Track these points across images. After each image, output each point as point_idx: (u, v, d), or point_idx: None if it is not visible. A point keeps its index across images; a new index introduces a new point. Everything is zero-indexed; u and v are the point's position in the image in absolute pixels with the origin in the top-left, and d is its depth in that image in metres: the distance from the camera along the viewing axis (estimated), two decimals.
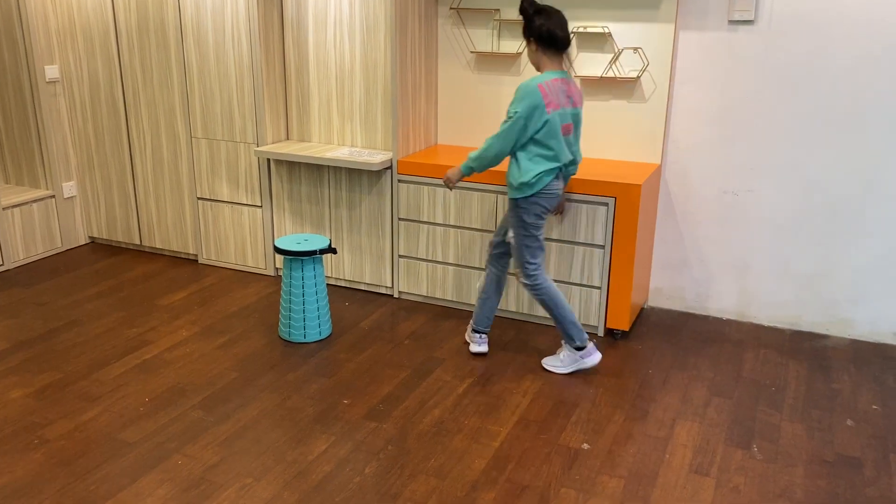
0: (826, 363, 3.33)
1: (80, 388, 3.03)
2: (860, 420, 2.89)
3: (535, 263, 3.08)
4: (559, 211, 3.36)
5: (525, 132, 2.88)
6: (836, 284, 3.52)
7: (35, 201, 4.41)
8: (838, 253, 3.48)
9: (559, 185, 3.03)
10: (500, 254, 3.23)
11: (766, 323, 3.70)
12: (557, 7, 3.49)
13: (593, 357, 3.15)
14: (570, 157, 3.01)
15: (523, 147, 2.92)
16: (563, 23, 2.90)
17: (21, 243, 4.37)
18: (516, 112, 2.84)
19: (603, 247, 3.39)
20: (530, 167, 2.91)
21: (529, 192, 2.94)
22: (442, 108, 4.02)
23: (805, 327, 3.63)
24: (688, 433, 2.78)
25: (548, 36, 2.87)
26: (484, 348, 3.33)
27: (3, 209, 4.22)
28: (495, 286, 3.28)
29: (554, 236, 3.46)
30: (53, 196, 4.50)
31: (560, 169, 3.00)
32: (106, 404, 2.92)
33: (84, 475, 2.50)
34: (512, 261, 3.19)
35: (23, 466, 2.54)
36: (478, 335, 3.34)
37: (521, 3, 2.92)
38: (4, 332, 3.52)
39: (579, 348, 3.14)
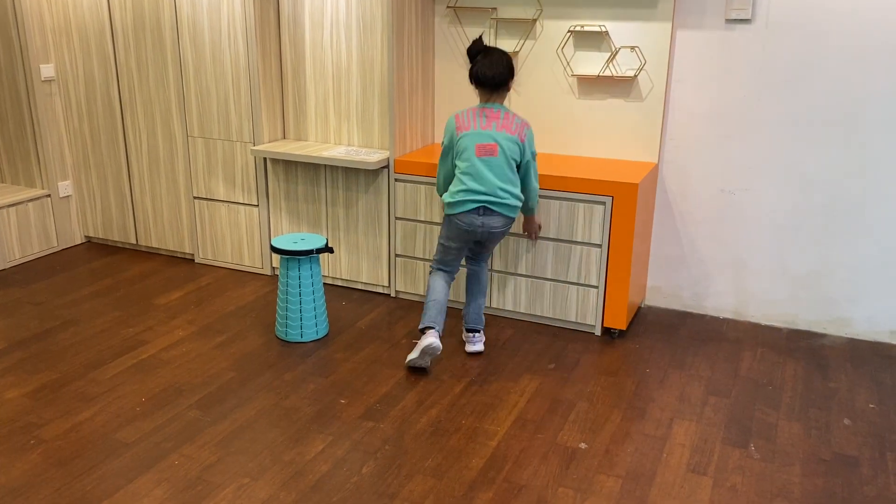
0: (823, 362, 3.33)
1: (76, 388, 3.02)
2: (857, 419, 2.89)
3: (436, 260, 3.28)
4: (530, 235, 3.46)
5: (449, 158, 3.17)
6: (833, 283, 3.52)
7: (31, 200, 4.39)
8: (836, 252, 3.48)
9: (479, 220, 3.07)
10: (468, 256, 3.34)
11: (763, 322, 3.70)
12: (559, 6, 3.48)
13: (427, 339, 3.12)
14: (499, 185, 3.04)
15: (457, 169, 3.13)
16: (495, 64, 3.07)
17: (17, 243, 4.35)
18: (442, 144, 3.19)
19: (600, 246, 3.39)
20: (453, 187, 3.12)
21: (448, 211, 3.13)
22: (439, 107, 4.01)
23: (802, 326, 3.64)
24: (685, 432, 2.78)
25: (475, 77, 3.11)
26: (479, 347, 3.33)
27: None
28: (475, 283, 3.34)
29: (551, 235, 3.46)
30: (49, 195, 4.49)
31: (485, 203, 3.04)
32: (102, 404, 2.91)
33: (80, 475, 2.49)
34: (486, 255, 3.35)
35: (19, 466, 2.53)
36: (471, 334, 3.34)
37: (469, 48, 3.17)
38: (0, 332, 3.51)
39: (421, 330, 3.20)
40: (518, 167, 3.11)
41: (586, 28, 3.58)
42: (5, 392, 2.99)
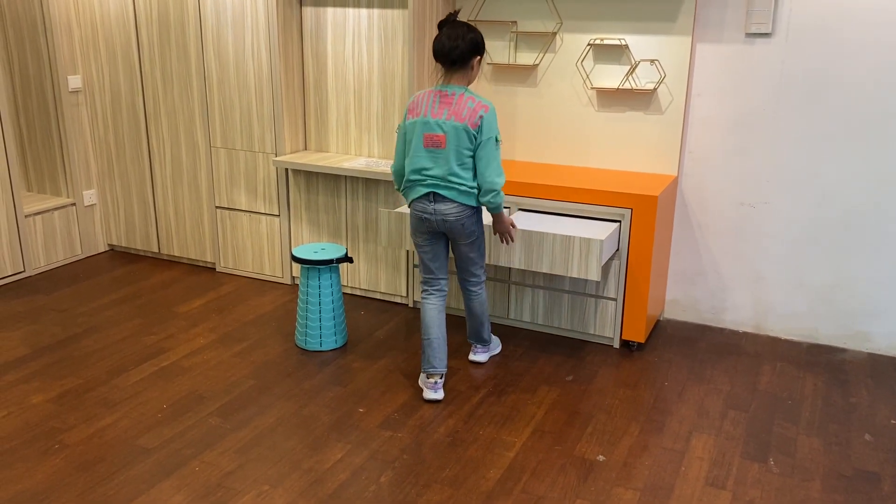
0: (843, 377, 3.30)
1: (99, 394, 3.06)
2: (878, 435, 2.87)
3: (421, 274, 3.08)
4: (502, 239, 3.08)
5: (401, 142, 2.96)
6: (853, 297, 3.50)
7: (56, 209, 4.47)
8: (855, 265, 3.46)
9: (431, 207, 2.87)
10: (459, 274, 3.18)
11: (782, 336, 3.68)
12: (579, 19, 3.45)
13: (427, 393, 3.03)
14: (440, 174, 2.83)
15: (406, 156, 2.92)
16: (455, 36, 2.79)
17: (42, 250, 4.42)
18: (398, 126, 2.96)
19: (619, 259, 3.39)
20: (405, 176, 2.93)
21: (405, 200, 2.98)
22: None
23: (822, 340, 3.61)
24: (704, 446, 2.77)
25: (433, 50, 2.85)
26: (480, 358, 3.35)
27: (25, 217, 4.28)
28: (468, 306, 3.23)
29: None
30: (74, 204, 4.56)
31: (432, 190, 2.85)
32: (124, 410, 2.95)
33: (102, 480, 2.52)
34: (470, 267, 3.11)
35: (42, 470, 2.57)
36: (475, 345, 3.37)
37: (440, 21, 2.91)
38: (25, 338, 3.56)
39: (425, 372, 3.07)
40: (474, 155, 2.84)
41: (606, 41, 3.60)
42: (30, 397, 3.04)
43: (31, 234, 4.34)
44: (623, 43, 3.57)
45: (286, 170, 4.09)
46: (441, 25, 2.87)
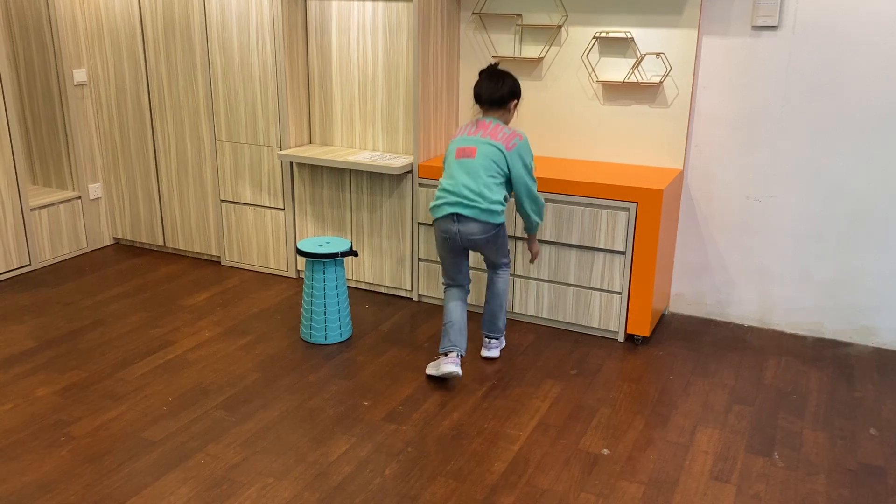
0: (849, 371, 3.30)
1: (104, 387, 3.08)
2: (884, 429, 2.86)
3: (443, 280, 3.25)
4: (532, 258, 3.35)
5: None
6: (859, 292, 3.49)
7: (62, 202, 4.48)
8: (861, 260, 3.45)
9: (454, 227, 3.03)
10: (485, 261, 3.31)
11: (787, 330, 3.67)
12: (584, 12, 3.49)
13: (447, 365, 3.08)
14: (468, 185, 2.97)
15: None
16: (490, 82, 3.08)
17: (48, 244, 4.44)
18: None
19: (624, 252, 3.39)
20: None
21: (433, 217, 3.13)
22: (463, 113, 4.04)
23: (827, 335, 3.60)
24: (708, 440, 2.77)
25: (474, 92, 3.14)
26: (492, 353, 3.35)
27: (31, 210, 4.29)
28: (489, 290, 3.32)
29: (574, 241, 3.47)
30: (80, 197, 4.57)
31: (456, 211, 2.99)
32: (130, 403, 2.96)
33: (109, 472, 2.53)
34: (495, 261, 3.26)
35: (49, 463, 2.58)
36: (486, 339, 3.37)
37: (482, 70, 3.16)
38: (31, 331, 3.58)
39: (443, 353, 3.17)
40: (508, 181, 3.04)
41: (612, 34, 3.58)
42: (36, 390, 3.05)
43: (36, 228, 4.36)
44: (629, 36, 3.55)
45: (291, 163, 4.09)
46: (482, 73, 3.13)
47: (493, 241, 3.09)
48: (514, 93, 3.10)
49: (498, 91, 3.06)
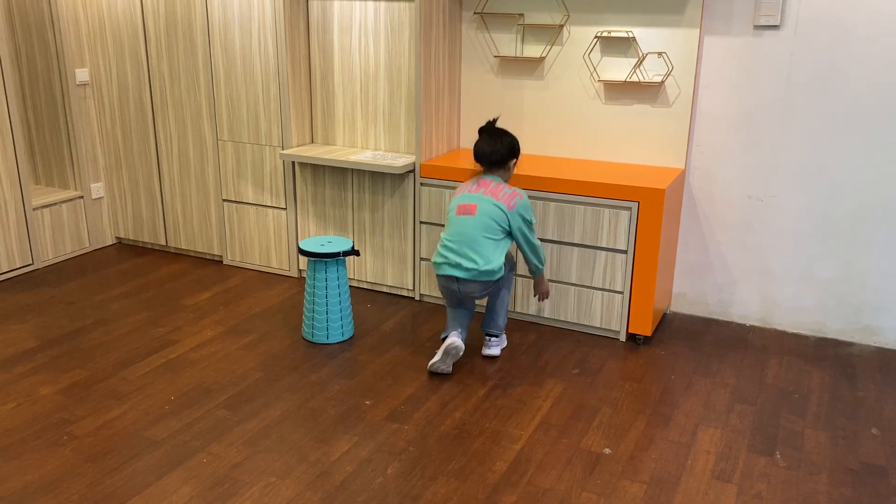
0: (851, 371, 3.30)
1: (107, 386, 3.08)
2: (886, 429, 2.86)
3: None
4: (538, 297, 3.44)
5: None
6: (861, 291, 3.49)
7: (64, 202, 4.48)
8: (864, 259, 3.45)
9: (455, 286, 3.14)
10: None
11: (789, 329, 3.67)
12: (586, 12, 3.50)
13: (449, 339, 3.18)
14: (470, 246, 3.08)
15: None
16: (490, 142, 3.20)
17: (50, 243, 4.44)
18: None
19: (626, 251, 3.39)
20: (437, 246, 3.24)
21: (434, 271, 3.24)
22: (465, 112, 4.04)
23: (830, 334, 3.60)
24: (710, 439, 2.77)
25: (474, 152, 3.26)
26: (493, 352, 3.36)
27: (34, 209, 4.30)
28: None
29: (576, 240, 3.47)
30: (82, 197, 4.58)
31: (455, 274, 3.10)
32: (132, 402, 2.97)
33: (111, 471, 2.54)
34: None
35: (52, 462, 2.59)
36: (487, 338, 3.38)
37: (481, 127, 3.29)
38: (34, 331, 3.58)
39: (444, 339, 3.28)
40: (510, 235, 3.16)
41: (613, 34, 3.58)
42: (39, 389, 3.06)
43: (39, 227, 4.36)
44: (630, 35, 3.55)
45: (293, 163, 4.09)
46: (481, 132, 3.26)
47: (496, 288, 3.25)
48: (513, 152, 3.24)
49: (497, 152, 3.20)
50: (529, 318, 3.72)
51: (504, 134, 3.24)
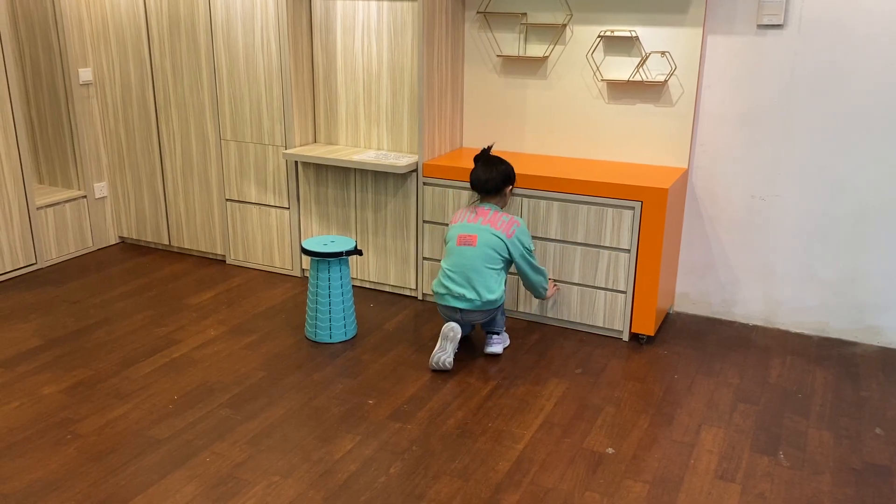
0: (854, 370, 3.29)
1: (110, 385, 3.09)
2: (889, 428, 2.85)
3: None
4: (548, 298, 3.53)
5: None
6: (865, 291, 3.48)
7: (67, 201, 4.49)
8: (867, 259, 3.44)
9: (457, 315, 3.23)
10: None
11: (792, 329, 3.66)
12: (589, 11, 3.49)
13: (445, 325, 3.23)
14: (472, 278, 3.15)
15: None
16: (485, 170, 3.26)
17: (54, 243, 4.45)
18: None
19: (629, 251, 3.38)
20: (438, 275, 3.30)
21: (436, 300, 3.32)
22: (468, 112, 4.04)
23: (833, 334, 3.60)
24: (713, 439, 2.77)
25: (470, 180, 3.33)
26: (495, 349, 3.37)
27: (37, 209, 4.31)
28: None
29: (580, 240, 3.47)
30: (85, 196, 4.59)
31: (456, 306, 3.18)
32: (136, 401, 2.97)
33: (115, 470, 2.54)
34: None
35: (56, 460, 2.59)
36: (488, 335, 3.38)
37: (476, 155, 3.35)
38: (37, 330, 3.59)
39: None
40: (510, 262, 3.25)
41: (616, 33, 3.58)
42: (42, 388, 3.07)
43: (42, 227, 4.37)
44: (633, 35, 3.55)
45: (296, 162, 4.10)
46: (476, 160, 3.32)
47: (497, 313, 3.32)
48: (508, 179, 3.30)
49: (492, 180, 3.26)
50: (532, 318, 3.72)
51: (499, 162, 3.30)
